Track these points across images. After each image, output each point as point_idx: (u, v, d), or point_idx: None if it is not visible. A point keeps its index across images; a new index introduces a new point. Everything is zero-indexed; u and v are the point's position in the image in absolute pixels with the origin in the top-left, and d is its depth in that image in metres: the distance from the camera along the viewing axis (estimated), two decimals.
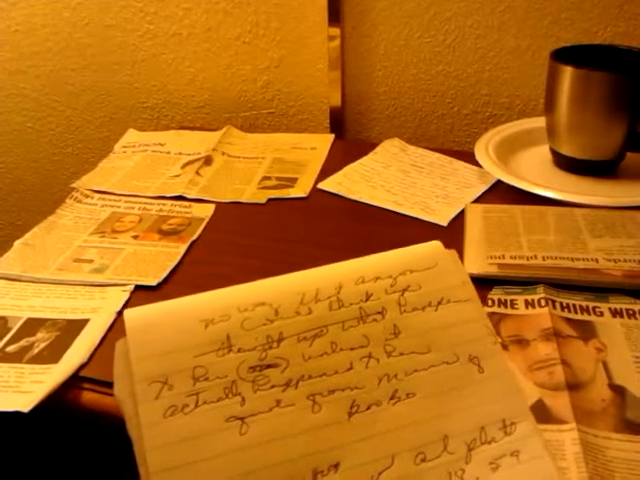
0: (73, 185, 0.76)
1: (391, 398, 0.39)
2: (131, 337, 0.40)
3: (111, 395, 0.47)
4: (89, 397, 0.48)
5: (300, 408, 0.38)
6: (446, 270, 0.45)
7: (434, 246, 0.48)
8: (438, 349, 0.42)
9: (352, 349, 0.41)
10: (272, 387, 0.39)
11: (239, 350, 0.40)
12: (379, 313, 0.42)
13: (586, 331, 0.50)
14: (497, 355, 0.42)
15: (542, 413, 0.42)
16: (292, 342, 0.40)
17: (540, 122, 0.78)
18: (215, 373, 0.39)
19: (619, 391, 0.45)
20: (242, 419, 0.38)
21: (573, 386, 0.45)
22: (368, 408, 0.39)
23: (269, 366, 0.40)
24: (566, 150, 0.74)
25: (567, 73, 0.70)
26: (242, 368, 0.39)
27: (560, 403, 0.43)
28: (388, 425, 0.39)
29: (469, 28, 0.85)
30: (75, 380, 0.48)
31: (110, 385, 0.47)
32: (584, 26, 0.81)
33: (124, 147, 0.87)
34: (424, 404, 0.40)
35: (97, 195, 0.74)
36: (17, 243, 0.65)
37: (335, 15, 0.87)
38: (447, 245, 0.62)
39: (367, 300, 0.43)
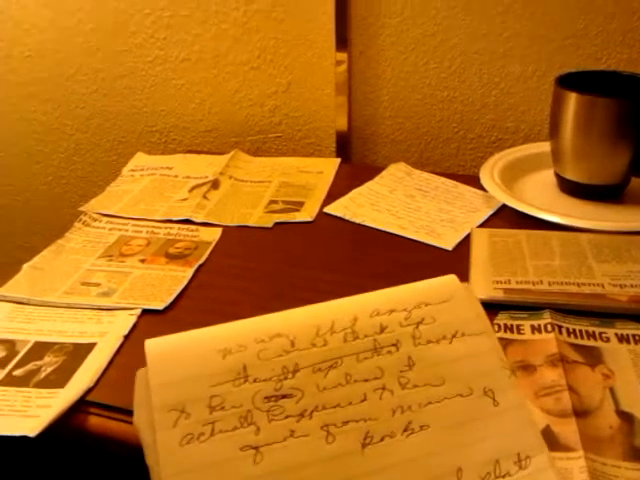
0: (82, 209, 0.77)
1: (405, 430, 0.39)
2: (151, 365, 0.41)
3: (117, 420, 0.48)
4: (96, 422, 0.48)
5: (314, 438, 0.39)
6: (461, 303, 0.46)
7: (449, 280, 0.48)
8: (452, 381, 0.42)
9: (366, 381, 0.41)
10: (287, 417, 0.39)
11: (255, 380, 0.40)
12: (393, 345, 0.43)
13: (593, 357, 0.50)
14: (512, 388, 0.42)
15: (549, 440, 0.42)
16: (307, 373, 0.41)
17: (545, 147, 0.78)
18: (231, 403, 0.39)
19: (627, 418, 0.45)
20: (256, 448, 0.38)
21: (580, 413, 0.45)
22: (382, 439, 0.39)
23: (284, 396, 0.40)
24: (571, 175, 0.74)
25: (572, 99, 0.70)
26: (257, 398, 0.40)
27: (567, 430, 0.43)
28: (402, 457, 0.39)
29: (474, 54, 0.86)
30: (82, 405, 0.49)
31: (117, 410, 0.48)
32: (588, 52, 0.82)
33: (132, 170, 0.88)
34: (438, 436, 0.40)
35: (105, 219, 0.75)
36: (26, 266, 0.66)
37: (342, 40, 0.88)
38: (453, 270, 0.62)
39: (382, 332, 0.43)
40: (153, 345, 0.42)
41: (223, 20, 0.93)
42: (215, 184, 0.82)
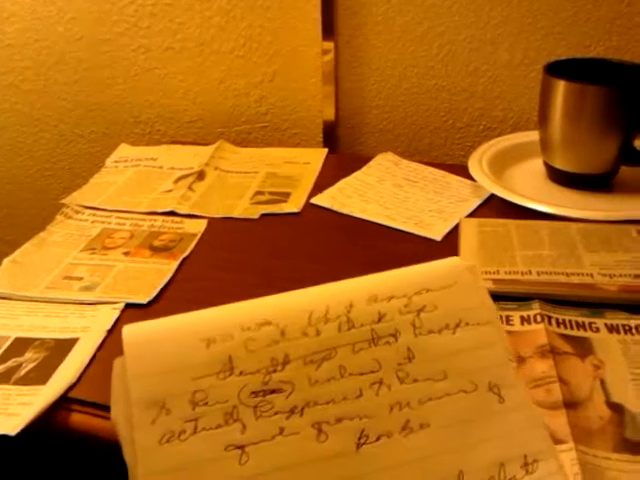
0: (64, 201, 0.76)
1: (403, 429, 0.37)
2: (129, 354, 0.38)
3: (100, 417, 0.47)
4: (78, 419, 0.47)
5: (304, 437, 0.36)
6: (465, 289, 0.42)
7: (452, 263, 0.44)
8: (455, 376, 0.39)
9: (362, 374, 0.38)
10: (275, 414, 0.37)
11: (241, 373, 0.38)
12: (392, 335, 0.40)
13: (583, 348, 0.50)
14: (518, 384, 0.39)
15: None
16: (298, 365, 0.38)
17: (534, 136, 0.78)
18: (215, 398, 0.37)
19: (617, 409, 0.44)
20: (242, 448, 0.36)
21: (570, 404, 0.44)
22: (378, 439, 0.37)
23: (273, 391, 0.37)
24: (560, 164, 0.74)
25: (560, 87, 0.69)
26: (244, 393, 0.37)
27: (558, 422, 0.43)
28: (399, 458, 0.36)
29: (462, 42, 0.85)
30: (64, 401, 0.48)
31: (100, 406, 0.47)
32: (577, 40, 0.81)
33: (116, 162, 0.87)
34: (438, 436, 0.37)
35: (88, 211, 0.73)
36: (6, 261, 0.64)
37: (329, 29, 0.87)
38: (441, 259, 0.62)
39: (379, 321, 0.40)
40: (131, 332, 0.39)
41: (207, 8, 0.91)
42: (200, 175, 0.81)
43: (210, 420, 0.36)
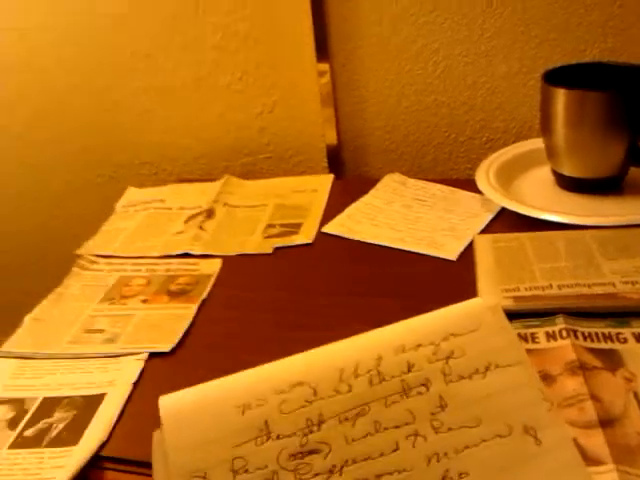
0: (78, 252, 0.76)
1: (443, 479, 0.37)
2: (167, 427, 0.39)
3: (134, 473, 0.47)
4: (112, 477, 0.47)
5: None
6: (491, 330, 0.42)
7: (475, 304, 0.45)
8: (489, 421, 0.39)
9: (397, 427, 0.38)
10: (315, 475, 0.37)
11: (278, 437, 0.38)
12: (423, 385, 0.40)
13: (612, 361, 0.49)
14: (555, 424, 0.39)
15: None
16: (333, 424, 0.38)
17: (538, 143, 0.78)
18: (255, 464, 0.37)
19: None
20: None
21: (606, 422, 0.44)
22: None
23: (311, 452, 0.38)
24: (567, 170, 0.74)
25: (560, 95, 0.69)
26: (282, 456, 0.37)
27: (595, 442, 0.42)
28: None
29: (458, 57, 0.85)
30: (96, 460, 0.47)
31: (132, 462, 0.47)
32: (572, 45, 0.81)
33: (125, 206, 0.87)
34: None
35: (103, 260, 0.74)
36: (27, 318, 0.64)
37: (323, 51, 0.87)
38: (459, 280, 0.62)
39: (409, 371, 0.40)
40: (167, 403, 0.40)
41: (201, 45, 0.92)
42: (210, 213, 0.81)
43: None
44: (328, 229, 0.75)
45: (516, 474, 0.37)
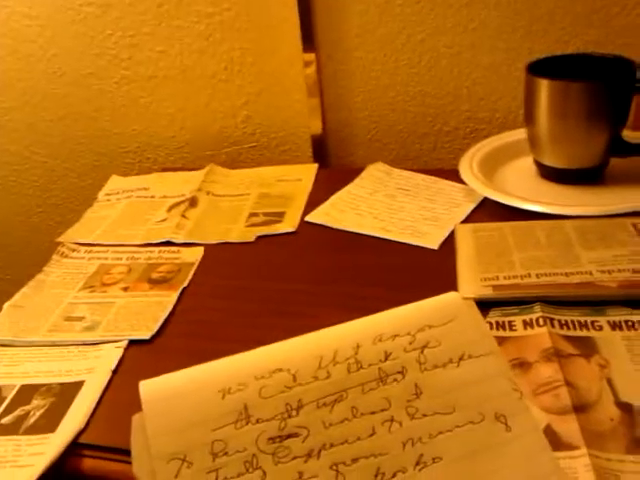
0: (59, 239, 0.76)
1: (417, 463, 0.38)
2: (147, 411, 0.39)
3: (112, 460, 0.47)
4: (90, 464, 0.47)
5: (323, 479, 0.37)
6: (465, 323, 0.44)
7: (451, 298, 0.47)
8: (462, 408, 0.40)
9: (373, 413, 0.40)
10: (294, 458, 0.38)
11: (258, 421, 0.39)
12: (399, 373, 0.41)
13: (587, 347, 0.50)
14: (524, 411, 0.41)
15: (551, 440, 0.41)
16: (312, 409, 0.39)
17: (521, 134, 0.78)
18: (234, 447, 0.38)
19: (626, 409, 0.44)
20: None
21: (580, 408, 0.44)
22: (394, 475, 0.38)
23: (289, 436, 0.38)
24: (549, 161, 0.74)
25: (544, 86, 0.70)
26: (262, 440, 0.38)
27: (569, 427, 0.43)
28: None
29: (443, 47, 0.85)
30: (74, 447, 0.47)
31: (111, 450, 0.47)
32: (556, 36, 0.81)
33: (108, 195, 0.87)
34: (451, 468, 0.38)
35: (84, 248, 0.73)
36: (6, 305, 0.64)
37: (309, 41, 0.87)
38: (440, 269, 0.62)
39: (386, 360, 0.42)
40: (148, 388, 0.40)
41: (186, 34, 0.91)
42: (193, 202, 0.81)
43: (231, 469, 0.37)
44: (311, 218, 0.75)
45: (487, 458, 0.39)
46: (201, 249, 0.71)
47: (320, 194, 0.80)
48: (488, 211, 0.71)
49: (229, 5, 0.88)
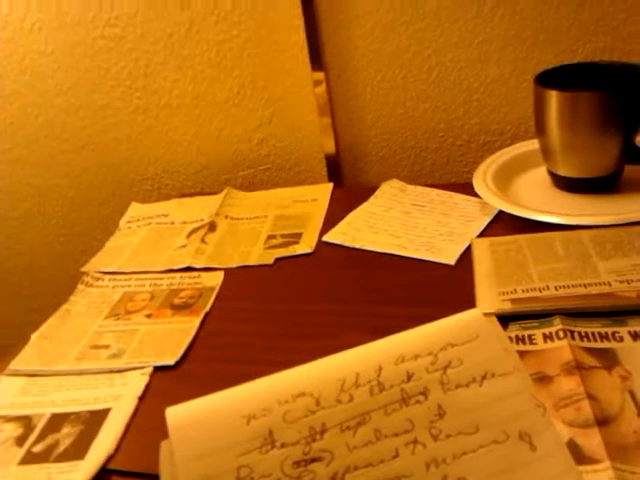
0: (83, 269, 0.77)
1: None
2: (174, 437, 0.40)
3: None
4: None
5: None
6: (487, 341, 0.43)
7: (473, 315, 0.46)
8: (486, 428, 0.40)
9: (396, 435, 0.39)
10: None
11: (282, 445, 0.39)
12: (422, 394, 0.41)
13: (608, 359, 0.50)
14: (549, 428, 0.40)
15: (574, 453, 0.41)
16: (335, 433, 0.39)
17: (534, 144, 0.78)
18: (260, 472, 0.38)
19: None
20: None
21: (602, 421, 0.44)
22: None
23: (314, 460, 0.39)
24: (563, 171, 0.74)
25: (553, 97, 0.70)
26: (286, 464, 0.38)
27: (591, 441, 0.43)
28: None
29: (450, 62, 0.86)
30: (103, 474, 0.48)
31: (139, 475, 0.48)
32: (563, 46, 0.82)
33: (129, 222, 0.89)
34: None
35: (107, 276, 0.75)
36: (34, 336, 0.66)
37: (317, 61, 0.88)
38: (458, 284, 0.63)
39: (409, 381, 0.41)
40: (174, 415, 0.41)
41: (198, 62, 0.93)
42: (212, 226, 0.82)
43: None
44: (328, 238, 0.76)
45: (512, 478, 0.38)
46: (221, 273, 0.72)
47: (336, 213, 0.81)
48: (504, 224, 0.72)
49: (238, 32, 0.90)
